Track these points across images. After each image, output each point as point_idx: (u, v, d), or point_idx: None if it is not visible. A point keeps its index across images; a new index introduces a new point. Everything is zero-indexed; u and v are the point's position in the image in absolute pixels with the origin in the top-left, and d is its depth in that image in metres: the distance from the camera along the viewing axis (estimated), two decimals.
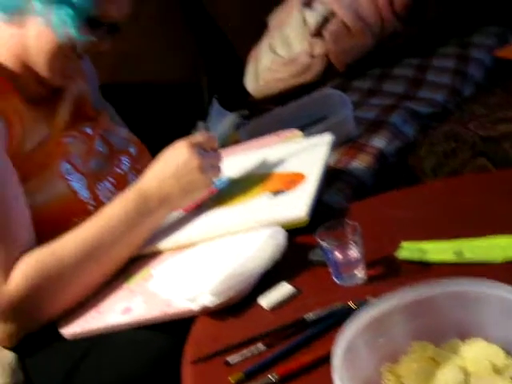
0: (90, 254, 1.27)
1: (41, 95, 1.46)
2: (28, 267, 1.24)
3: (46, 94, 1.48)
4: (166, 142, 1.65)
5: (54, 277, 1.25)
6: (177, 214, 1.37)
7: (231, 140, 1.83)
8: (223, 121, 1.98)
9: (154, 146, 1.65)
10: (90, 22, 1.37)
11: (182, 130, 1.99)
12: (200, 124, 1.99)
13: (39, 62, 1.39)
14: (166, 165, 1.35)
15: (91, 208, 1.38)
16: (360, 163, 1.80)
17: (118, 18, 1.42)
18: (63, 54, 1.39)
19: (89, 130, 1.51)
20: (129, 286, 1.27)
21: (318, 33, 2.24)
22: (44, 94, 1.47)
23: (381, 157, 1.84)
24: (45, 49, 1.38)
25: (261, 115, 2.02)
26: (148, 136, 1.68)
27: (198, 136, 1.39)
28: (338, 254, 1.12)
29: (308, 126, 1.78)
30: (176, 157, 1.34)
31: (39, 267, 1.24)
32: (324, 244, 1.12)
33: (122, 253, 1.30)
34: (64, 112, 1.49)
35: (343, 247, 1.12)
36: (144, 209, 1.32)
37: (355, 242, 1.12)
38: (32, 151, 1.37)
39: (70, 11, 1.34)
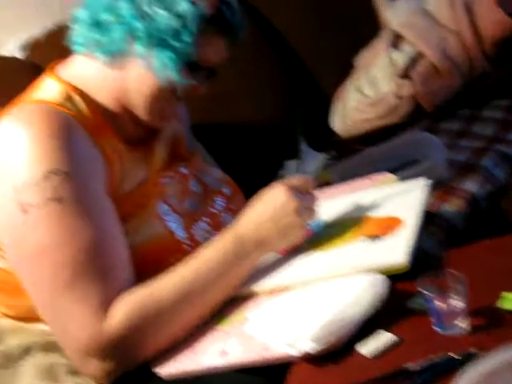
0: (187, 296, 1.28)
1: (138, 136, 1.49)
2: (127, 306, 1.25)
3: (144, 135, 1.51)
4: (255, 181, 1.67)
5: (152, 317, 1.26)
6: (271, 256, 1.37)
7: (321, 180, 1.82)
8: (312, 161, 1.98)
9: (244, 186, 1.67)
10: (189, 65, 1.40)
11: (270, 170, 2.01)
12: (288, 164, 2.00)
13: (139, 104, 1.42)
14: (263, 207, 1.35)
15: (187, 248, 1.40)
16: (451, 207, 1.78)
17: (216, 62, 1.45)
18: (163, 97, 1.42)
19: (184, 170, 1.53)
20: (223, 328, 1.27)
21: (405, 74, 2.23)
22: (141, 135, 1.50)
23: (472, 201, 1.82)
24: (145, 92, 1.41)
25: (349, 156, 2.02)
26: (237, 175, 1.70)
27: (294, 178, 1.40)
28: (439, 304, 1.10)
29: (399, 169, 1.77)
30: (273, 199, 1.35)
31: (138, 307, 1.26)
32: (426, 293, 1.11)
33: (217, 295, 1.31)
34: (161, 153, 1.52)
35: (445, 296, 1.10)
36: (241, 251, 1.32)
37: (458, 292, 1.10)
38: (130, 192, 1.40)
39: (172, 55, 1.36)
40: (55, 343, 1.33)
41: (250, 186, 1.66)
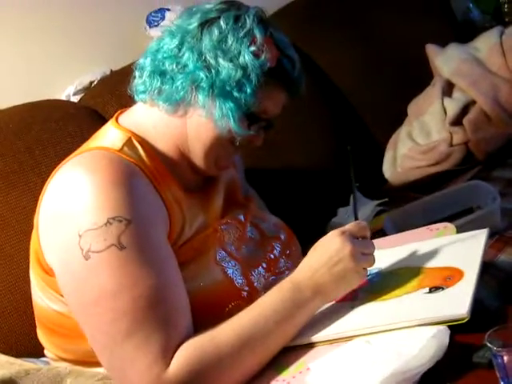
0: (246, 342, 1.27)
1: (196, 183, 1.51)
2: (188, 354, 1.24)
3: (201, 183, 1.53)
4: (307, 228, 1.67)
5: (212, 364, 1.25)
6: (329, 305, 1.37)
7: (373, 227, 1.83)
8: (364, 208, 1.99)
9: (297, 233, 1.67)
10: (248, 116, 1.42)
11: (322, 218, 2.01)
12: (341, 211, 2.01)
13: (197, 152, 1.44)
14: (318, 254, 1.35)
15: (245, 294, 1.40)
16: (507, 256, 1.76)
17: (274, 114, 1.47)
18: (221, 146, 1.44)
19: (241, 217, 1.54)
20: (284, 378, 1.26)
21: (457, 121, 2.24)
22: (199, 182, 1.52)
23: None
24: (204, 140, 1.43)
25: (401, 203, 2.02)
26: (290, 222, 1.70)
27: (350, 225, 1.39)
28: (507, 359, 1.09)
29: (454, 217, 1.76)
30: (328, 246, 1.34)
31: (198, 354, 1.25)
32: (493, 347, 1.09)
33: (276, 342, 1.30)
34: (218, 200, 1.53)
35: None
36: (299, 299, 1.32)
37: None
38: (190, 238, 1.41)
39: (232, 105, 1.38)
40: None
41: (303, 233, 1.66)
